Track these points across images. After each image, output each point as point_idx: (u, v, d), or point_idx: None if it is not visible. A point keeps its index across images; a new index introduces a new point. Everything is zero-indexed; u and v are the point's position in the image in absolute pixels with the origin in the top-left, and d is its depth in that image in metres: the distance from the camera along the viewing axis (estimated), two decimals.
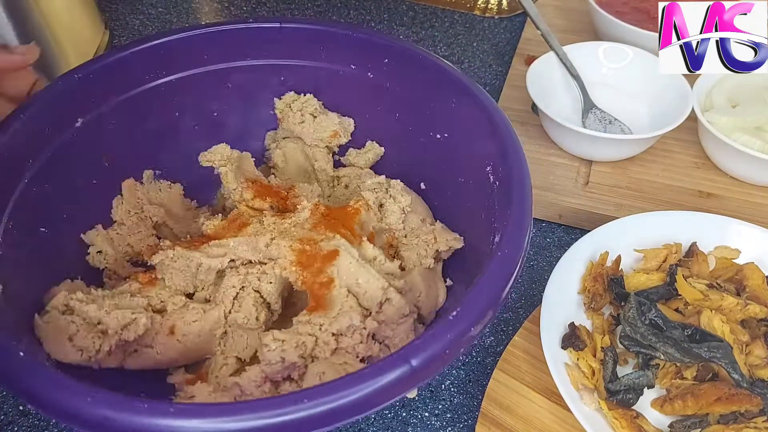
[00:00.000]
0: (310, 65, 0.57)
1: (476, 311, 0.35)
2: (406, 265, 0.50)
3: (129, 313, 0.43)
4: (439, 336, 0.34)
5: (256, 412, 0.30)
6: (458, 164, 0.51)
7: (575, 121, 0.68)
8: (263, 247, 0.46)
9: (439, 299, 0.48)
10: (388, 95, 0.55)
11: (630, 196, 0.63)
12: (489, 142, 0.46)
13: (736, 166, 0.63)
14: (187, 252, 0.46)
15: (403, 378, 0.32)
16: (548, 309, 0.48)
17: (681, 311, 0.49)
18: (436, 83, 0.52)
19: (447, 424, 0.48)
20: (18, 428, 0.48)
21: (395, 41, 0.56)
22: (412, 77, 0.53)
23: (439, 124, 0.52)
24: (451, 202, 0.53)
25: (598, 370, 0.46)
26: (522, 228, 0.40)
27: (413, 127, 0.55)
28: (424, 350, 0.33)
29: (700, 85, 0.67)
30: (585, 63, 0.72)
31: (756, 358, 0.46)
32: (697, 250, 0.52)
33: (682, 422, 0.43)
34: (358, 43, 0.55)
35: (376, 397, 0.32)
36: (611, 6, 0.78)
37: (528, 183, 0.43)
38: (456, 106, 0.50)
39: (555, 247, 0.61)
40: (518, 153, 0.44)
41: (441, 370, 0.36)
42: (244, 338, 0.46)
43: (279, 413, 0.30)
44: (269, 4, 0.94)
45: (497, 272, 0.37)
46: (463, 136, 0.50)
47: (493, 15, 0.91)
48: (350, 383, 0.32)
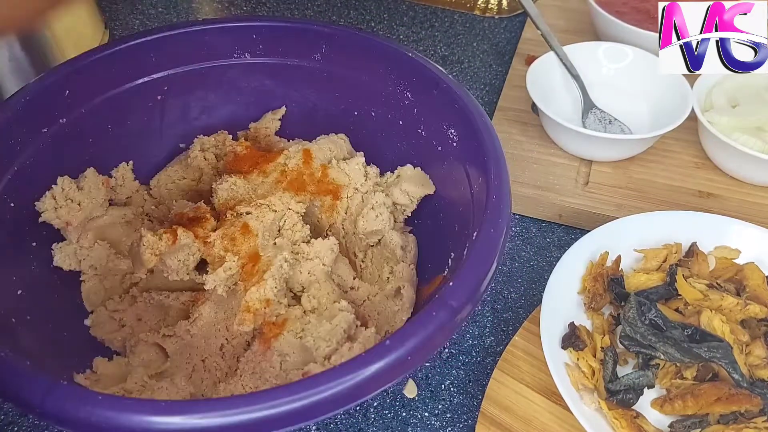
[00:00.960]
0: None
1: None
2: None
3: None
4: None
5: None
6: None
7: (575, 121, 0.68)
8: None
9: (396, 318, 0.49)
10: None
11: (630, 196, 0.63)
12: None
13: (736, 166, 0.63)
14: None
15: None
16: (548, 309, 0.48)
17: (681, 311, 0.49)
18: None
19: (447, 424, 0.48)
20: (18, 428, 0.48)
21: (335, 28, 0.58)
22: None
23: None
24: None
25: (598, 370, 0.46)
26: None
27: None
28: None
29: (700, 85, 0.67)
30: (585, 63, 0.72)
31: (756, 358, 0.46)
32: (697, 250, 0.52)
33: (682, 422, 0.43)
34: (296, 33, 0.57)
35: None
36: (611, 6, 0.78)
37: (497, 144, 0.45)
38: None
39: (555, 247, 0.61)
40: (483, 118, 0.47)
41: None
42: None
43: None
44: (269, 4, 0.94)
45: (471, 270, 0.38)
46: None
47: (493, 15, 0.91)
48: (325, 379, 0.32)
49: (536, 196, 0.63)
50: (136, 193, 0.56)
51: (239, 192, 0.53)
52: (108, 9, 0.90)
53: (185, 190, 0.58)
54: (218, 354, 0.47)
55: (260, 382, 0.44)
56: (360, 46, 0.56)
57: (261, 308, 0.46)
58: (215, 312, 0.48)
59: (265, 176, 0.54)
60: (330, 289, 0.49)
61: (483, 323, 0.55)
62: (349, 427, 0.48)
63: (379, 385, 0.33)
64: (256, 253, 0.48)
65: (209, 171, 0.58)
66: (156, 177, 0.58)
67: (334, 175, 0.54)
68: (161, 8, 0.92)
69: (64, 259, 0.50)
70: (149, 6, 0.92)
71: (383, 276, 0.52)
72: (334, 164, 0.55)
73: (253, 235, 0.49)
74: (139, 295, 0.51)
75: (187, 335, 0.47)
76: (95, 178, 0.52)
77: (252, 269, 0.47)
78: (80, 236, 0.50)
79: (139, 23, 0.89)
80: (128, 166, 0.56)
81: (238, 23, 0.57)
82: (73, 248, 0.50)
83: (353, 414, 0.49)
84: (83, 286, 0.50)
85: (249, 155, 0.56)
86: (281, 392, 0.31)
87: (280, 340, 0.45)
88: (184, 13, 0.91)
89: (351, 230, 0.54)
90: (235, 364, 0.47)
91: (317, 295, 0.48)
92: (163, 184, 0.57)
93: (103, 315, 0.50)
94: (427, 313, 0.35)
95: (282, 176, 0.54)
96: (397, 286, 0.51)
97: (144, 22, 0.89)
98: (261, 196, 0.53)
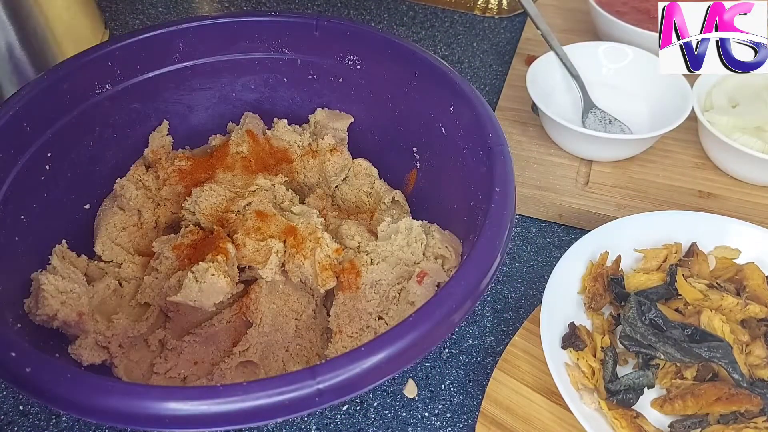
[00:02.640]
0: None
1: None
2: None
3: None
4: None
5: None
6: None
7: (575, 121, 0.68)
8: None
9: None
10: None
11: (630, 196, 0.63)
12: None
13: (736, 166, 0.63)
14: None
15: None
16: (548, 309, 0.48)
17: (681, 311, 0.49)
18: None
19: (447, 424, 0.48)
20: (18, 428, 0.48)
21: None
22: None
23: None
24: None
25: (598, 370, 0.46)
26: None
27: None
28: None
29: (700, 85, 0.67)
30: (585, 63, 0.72)
31: (756, 358, 0.46)
32: (697, 250, 0.52)
33: (682, 422, 0.43)
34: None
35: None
36: (611, 6, 0.78)
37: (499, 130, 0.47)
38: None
39: (555, 247, 0.61)
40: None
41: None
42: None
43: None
44: (269, 4, 0.94)
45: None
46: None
47: (493, 15, 0.91)
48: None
49: (536, 196, 0.63)
50: (89, 268, 0.51)
51: (221, 195, 0.53)
52: (108, 9, 0.90)
53: (131, 238, 0.54)
54: (296, 337, 0.49)
55: (363, 322, 0.47)
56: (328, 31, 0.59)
57: (333, 260, 0.49)
58: (273, 303, 0.49)
59: (231, 170, 0.55)
60: (355, 224, 0.53)
61: (483, 323, 0.55)
62: (349, 427, 0.48)
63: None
64: (289, 227, 0.50)
65: (150, 206, 0.55)
66: (97, 242, 0.52)
67: (276, 143, 0.58)
68: (161, 8, 0.92)
69: (91, 354, 0.45)
70: (149, 6, 0.92)
71: (364, 201, 0.58)
72: (269, 134, 0.59)
73: (272, 216, 0.51)
74: (182, 342, 0.48)
75: (262, 337, 0.47)
76: (63, 262, 0.49)
77: (296, 240, 0.49)
78: (94, 323, 0.46)
79: (139, 23, 0.89)
80: (63, 246, 0.50)
81: None
82: (92, 339, 0.45)
83: (353, 414, 0.49)
84: (118, 371, 0.46)
85: (197, 164, 0.56)
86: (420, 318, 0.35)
87: (364, 274, 0.48)
88: (184, 13, 0.91)
89: (316, 181, 0.59)
90: (316, 336, 0.49)
91: (351, 233, 0.51)
92: (109, 244, 0.52)
93: (161, 382, 0.46)
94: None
95: (246, 161, 0.56)
96: (391, 196, 0.57)
97: (144, 22, 0.89)
98: (245, 186, 0.54)
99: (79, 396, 0.32)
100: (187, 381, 0.46)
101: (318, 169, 0.58)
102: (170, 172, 0.56)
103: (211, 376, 0.46)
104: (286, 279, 0.50)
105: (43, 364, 0.33)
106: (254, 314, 0.48)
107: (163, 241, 0.52)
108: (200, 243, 0.50)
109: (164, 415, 0.31)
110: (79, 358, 0.44)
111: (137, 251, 0.54)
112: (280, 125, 0.59)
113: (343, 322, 0.47)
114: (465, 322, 0.55)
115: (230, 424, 0.31)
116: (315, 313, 0.50)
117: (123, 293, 0.51)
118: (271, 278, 0.48)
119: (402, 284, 0.48)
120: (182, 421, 0.31)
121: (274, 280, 0.49)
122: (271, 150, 0.58)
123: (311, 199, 0.57)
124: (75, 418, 0.48)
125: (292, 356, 0.48)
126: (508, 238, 0.40)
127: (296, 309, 0.50)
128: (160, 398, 0.31)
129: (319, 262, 0.48)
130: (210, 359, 0.48)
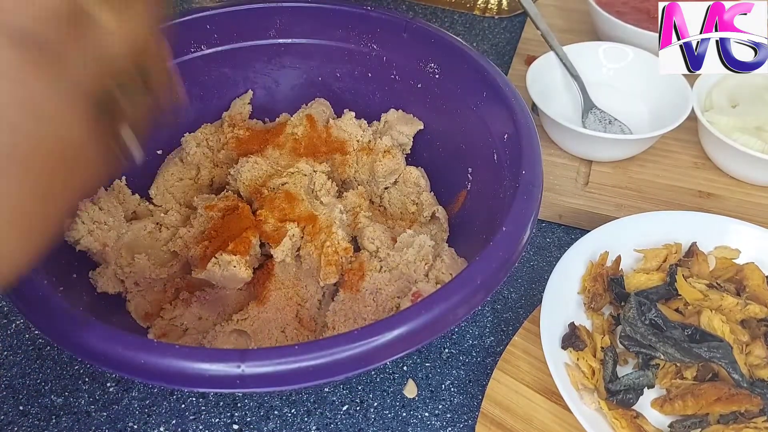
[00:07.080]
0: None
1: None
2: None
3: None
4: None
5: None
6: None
7: (575, 121, 0.68)
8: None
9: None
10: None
11: (630, 196, 0.63)
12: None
13: (736, 166, 0.63)
14: None
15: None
16: (548, 309, 0.48)
17: (681, 311, 0.49)
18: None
19: (447, 424, 0.48)
20: (18, 428, 0.48)
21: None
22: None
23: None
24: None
25: (598, 370, 0.46)
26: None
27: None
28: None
29: (700, 85, 0.67)
30: (585, 63, 0.72)
31: (756, 358, 0.46)
32: (697, 250, 0.52)
33: (682, 422, 0.43)
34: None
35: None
36: (611, 6, 0.78)
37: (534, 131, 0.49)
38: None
39: (555, 247, 0.61)
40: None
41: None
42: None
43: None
44: None
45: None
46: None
47: (493, 15, 0.91)
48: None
49: None
50: (139, 207, 0.56)
51: (263, 169, 0.55)
52: None
53: (185, 190, 0.58)
54: (295, 321, 0.49)
55: (356, 325, 0.47)
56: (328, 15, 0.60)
57: (340, 258, 0.49)
58: (282, 284, 0.50)
59: (280, 149, 0.57)
60: (381, 229, 0.52)
61: (483, 323, 0.55)
62: (349, 427, 0.48)
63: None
64: (311, 215, 0.51)
65: (207, 164, 0.58)
66: (153, 185, 0.57)
67: (336, 133, 0.59)
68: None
69: (107, 283, 0.49)
70: None
71: (409, 209, 0.58)
72: (333, 123, 0.59)
73: (299, 201, 0.52)
74: (192, 296, 0.51)
75: (262, 313, 0.48)
76: (109, 196, 0.53)
77: (313, 230, 0.50)
78: (117, 257, 0.50)
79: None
80: (122, 182, 0.55)
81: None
82: (112, 270, 0.50)
83: (353, 414, 0.49)
84: (130, 306, 0.50)
85: (253, 135, 0.58)
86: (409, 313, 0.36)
87: (368, 279, 0.48)
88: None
89: (365, 179, 0.59)
90: (313, 325, 0.49)
91: (373, 236, 0.52)
92: (163, 190, 0.57)
93: (164, 326, 0.50)
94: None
95: (297, 144, 0.57)
96: (431, 211, 0.56)
97: None
98: (286, 167, 0.55)
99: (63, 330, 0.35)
100: (187, 333, 0.49)
101: (369, 168, 0.58)
102: (229, 138, 0.58)
103: (206, 334, 0.48)
104: (299, 264, 0.51)
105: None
106: (261, 289, 0.50)
107: (203, 199, 0.55)
108: (229, 214, 0.52)
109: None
110: (95, 284, 0.49)
111: (186, 204, 0.57)
112: (347, 117, 0.60)
113: (338, 319, 0.48)
114: (465, 323, 0.55)
115: (151, 379, 0.34)
116: (320, 304, 0.51)
117: (159, 237, 0.53)
118: (281, 259, 0.49)
119: (400, 299, 0.48)
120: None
121: (287, 263, 0.50)
122: (327, 138, 0.58)
123: (349, 195, 0.56)
124: (75, 418, 0.48)
125: (287, 338, 0.49)
126: (504, 275, 0.40)
127: (302, 295, 0.50)
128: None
129: (325, 255, 0.49)
130: (213, 318, 0.50)
